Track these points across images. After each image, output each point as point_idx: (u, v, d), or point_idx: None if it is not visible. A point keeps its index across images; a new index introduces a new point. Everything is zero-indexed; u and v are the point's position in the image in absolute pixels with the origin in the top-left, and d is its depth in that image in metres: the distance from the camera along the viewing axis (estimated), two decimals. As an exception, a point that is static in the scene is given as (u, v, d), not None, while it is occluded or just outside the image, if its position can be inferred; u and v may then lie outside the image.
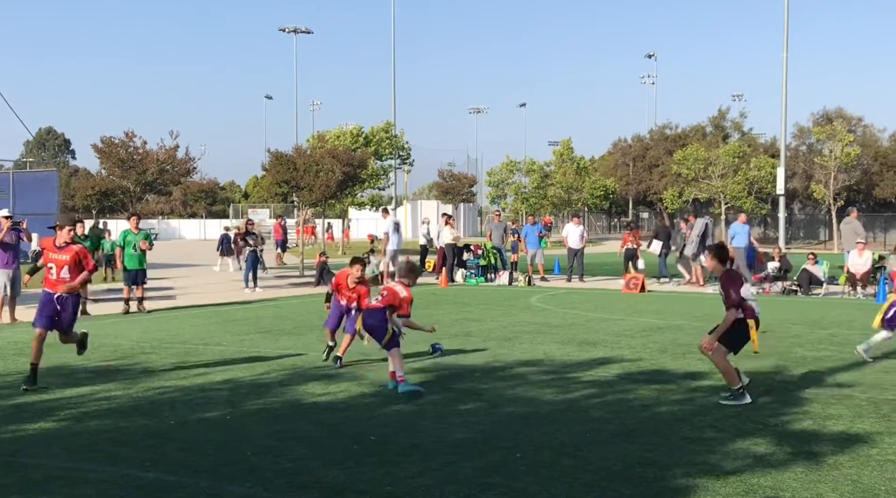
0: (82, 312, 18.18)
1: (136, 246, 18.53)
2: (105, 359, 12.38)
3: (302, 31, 78.61)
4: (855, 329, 15.39)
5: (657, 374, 11.04)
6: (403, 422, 8.46)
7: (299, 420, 8.53)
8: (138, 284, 18.70)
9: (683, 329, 15.41)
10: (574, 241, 27.40)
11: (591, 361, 11.91)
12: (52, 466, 6.94)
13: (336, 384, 10.31)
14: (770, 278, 23.70)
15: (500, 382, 10.47)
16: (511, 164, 78.90)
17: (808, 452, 7.22)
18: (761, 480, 6.41)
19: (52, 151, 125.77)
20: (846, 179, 62.43)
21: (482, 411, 8.91)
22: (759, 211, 65.17)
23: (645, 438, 7.70)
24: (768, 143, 74.43)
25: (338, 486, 6.41)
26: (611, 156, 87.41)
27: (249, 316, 18.03)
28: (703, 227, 24.64)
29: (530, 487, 6.36)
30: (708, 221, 25.44)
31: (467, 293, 23.44)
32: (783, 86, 41.31)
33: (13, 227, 17.21)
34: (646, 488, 6.29)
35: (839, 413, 8.64)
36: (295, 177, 29.34)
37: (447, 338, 14.30)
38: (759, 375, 10.70)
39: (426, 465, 6.93)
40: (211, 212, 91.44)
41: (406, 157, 63.58)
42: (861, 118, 70.79)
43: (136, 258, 18.61)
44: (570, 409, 8.95)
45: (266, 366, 11.68)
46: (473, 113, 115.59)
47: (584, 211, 70.87)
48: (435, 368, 11.47)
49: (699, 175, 64.35)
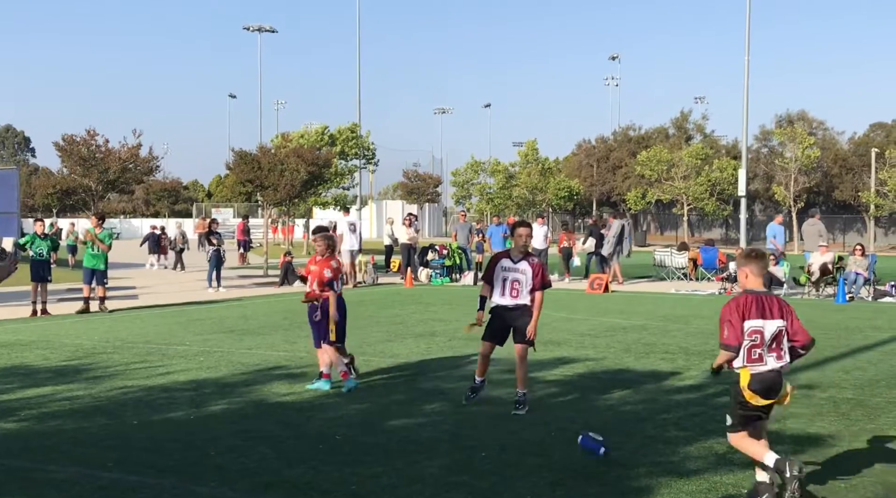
0: (42, 312, 17.99)
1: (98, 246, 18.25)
2: (67, 359, 12.24)
3: (266, 30, 78.15)
4: (815, 329, 15.53)
5: (621, 373, 11.12)
6: (368, 421, 8.45)
7: (264, 420, 8.50)
8: (99, 283, 18.49)
9: (647, 329, 15.54)
10: (538, 241, 27.48)
11: (556, 361, 11.97)
12: (13, 467, 6.86)
13: (300, 384, 10.27)
14: (731, 279, 23.94)
15: (465, 382, 10.45)
16: (476, 164, 79.10)
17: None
18: (723, 478, 6.49)
19: (11, 150, 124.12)
20: (806, 181, 63.27)
21: (447, 411, 8.93)
22: (721, 212, 65.86)
23: (609, 436, 7.73)
24: (730, 145, 75.19)
25: (303, 485, 6.40)
26: (575, 157, 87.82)
27: (213, 316, 17.91)
28: (619, 228, 26.11)
29: (496, 485, 6.39)
30: (625, 223, 26.52)
31: (432, 293, 23.46)
32: (745, 88, 41.66)
33: None
34: (609, 487, 6.34)
35: (799, 412, 8.75)
36: (259, 176, 29.17)
37: (412, 338, 14.32)
38: (720, 374, 10.79)
39: (391, 464, 6.94)
40: (174, 211, 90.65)
41: (371, 157, 63.45)
42: (823, 121, 71.83)
43: (94, 257, 18.39)
44: (534, 408, 8.98)
45: (230, 366, 11.61)
46: (438, 113, 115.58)
47: (549, 212, 71.12)
48: (400, 368, 11.48)
49: (662, 176, 64.89)
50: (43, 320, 17.23)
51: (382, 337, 14.39)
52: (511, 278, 8.96)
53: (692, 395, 9.72)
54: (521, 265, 8.97)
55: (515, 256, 9.06)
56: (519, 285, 8.95)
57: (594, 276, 24.61)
